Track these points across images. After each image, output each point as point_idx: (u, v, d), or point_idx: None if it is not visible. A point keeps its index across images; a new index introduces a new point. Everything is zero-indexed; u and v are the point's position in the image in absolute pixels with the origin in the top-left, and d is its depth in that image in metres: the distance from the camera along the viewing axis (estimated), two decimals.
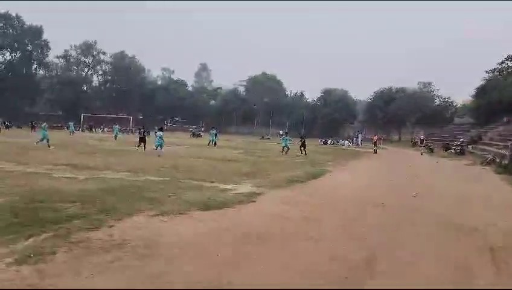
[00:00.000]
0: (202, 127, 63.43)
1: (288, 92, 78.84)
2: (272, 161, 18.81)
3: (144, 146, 21.33)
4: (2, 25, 64.54)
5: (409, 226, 6.93)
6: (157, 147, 18.95)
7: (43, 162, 13.46)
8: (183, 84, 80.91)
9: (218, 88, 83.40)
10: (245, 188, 10.13)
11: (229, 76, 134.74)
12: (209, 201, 8.01)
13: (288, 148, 22.54)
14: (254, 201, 8.46)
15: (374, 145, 31.93)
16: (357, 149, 38.30)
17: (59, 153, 17.45)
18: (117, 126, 37.74)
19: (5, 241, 4.80)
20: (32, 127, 43.87)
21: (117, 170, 12.44)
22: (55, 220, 5.87)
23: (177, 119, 75.48)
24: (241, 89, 79.05)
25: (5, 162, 13.01)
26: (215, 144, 28.52)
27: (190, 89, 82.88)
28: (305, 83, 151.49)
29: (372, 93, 66.59)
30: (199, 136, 47.85)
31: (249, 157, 20.97)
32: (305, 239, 5.69)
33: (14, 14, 65.05)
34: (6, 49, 65.84)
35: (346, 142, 46.75)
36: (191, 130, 54.59)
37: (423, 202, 9.57)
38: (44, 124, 22.32)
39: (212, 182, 10.75)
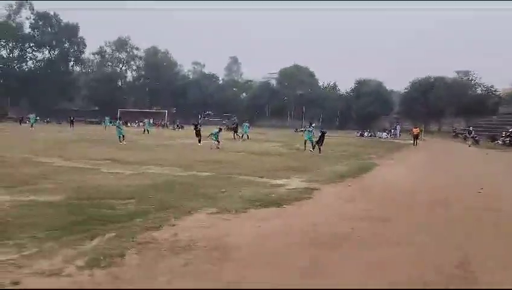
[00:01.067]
0: (235, 120, 63.20)
1: (321, 84, 77.04)
2: (313, 155, 18.23)
3: (199, 140, 22.13)
4: (41, 23, 66.80)
5: (490, 227, 6.26)
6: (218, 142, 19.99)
7: (87, 157, 13.58)
8: (214, 77, 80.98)
9: (248, 81, 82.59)
10: (296, 183, 9.69)
11: (260, 68, 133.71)
12: (265, 197, 7.64)
13: (312, 142, 20.52)
14: (311, 197, 8.01)
15: (415, 138, 29.98)
16: (396, 141, 36.92)
17: (100, 148, 17.66)
18: (147, 120, 38.74)
19: (70, 241, 4.60)
20: (71, 123, 45.00)
21: (161, 164, 12.33)
22: (115, 218, 5.67)
23: (209, 113, 75.64)
24: (273, 82, 77.92)
25: (53, 157, 13.22)
26: (247, 136, 28.86)
27: (221, 82, 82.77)
28: (336, 74, 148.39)
29: (409, 83, 63.95)
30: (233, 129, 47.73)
31: (288, 150, 20.50)
32: (384, 241, 5.17)
33: (52, 13, 67.28)
34: (46, 46, 68.13)
35: (384, 134, 45.22)
36: (225, 124, 54.56)
37: (492, 199, 8.76)
38: (119, 121, 22.81)
39: (261, 177, 10.39)
